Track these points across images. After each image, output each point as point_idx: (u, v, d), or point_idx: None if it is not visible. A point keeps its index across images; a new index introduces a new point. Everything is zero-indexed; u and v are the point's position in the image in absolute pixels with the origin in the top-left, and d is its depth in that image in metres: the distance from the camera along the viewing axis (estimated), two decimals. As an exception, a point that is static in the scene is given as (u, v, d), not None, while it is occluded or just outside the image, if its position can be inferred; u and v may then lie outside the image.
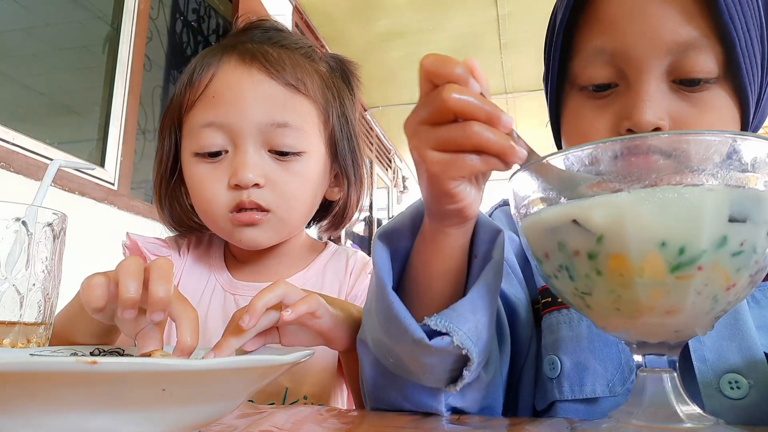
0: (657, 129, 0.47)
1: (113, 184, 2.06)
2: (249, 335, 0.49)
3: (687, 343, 0.46)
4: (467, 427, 0.42)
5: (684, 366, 0.45)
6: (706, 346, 0.46)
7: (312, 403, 0.68)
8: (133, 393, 0.28)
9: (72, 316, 0.59)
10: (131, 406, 0.28)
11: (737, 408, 0.43)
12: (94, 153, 2.07)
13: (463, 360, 0.44)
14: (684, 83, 0.48)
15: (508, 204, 0.68)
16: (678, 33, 0.47)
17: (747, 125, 0.51)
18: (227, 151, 0.68)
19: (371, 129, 5.36)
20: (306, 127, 0.70)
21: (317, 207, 0.77)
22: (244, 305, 0.51)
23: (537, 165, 0.35)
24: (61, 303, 0.54)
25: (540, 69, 0.61)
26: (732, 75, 0.48)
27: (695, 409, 0.32)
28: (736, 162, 0.30)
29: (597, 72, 0.51)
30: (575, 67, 0.53)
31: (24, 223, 0.50)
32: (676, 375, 0.34)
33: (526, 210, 0.37)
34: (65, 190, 1.76)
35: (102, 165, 2.04)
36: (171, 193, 0.76)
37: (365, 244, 5.42)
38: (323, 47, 0.83)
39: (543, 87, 0.61)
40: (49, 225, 0.52)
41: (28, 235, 0.50)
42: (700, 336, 0.45)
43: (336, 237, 0.89)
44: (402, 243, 0.48)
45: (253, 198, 0.67)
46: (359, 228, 5.44)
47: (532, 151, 0.37)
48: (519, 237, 0.52)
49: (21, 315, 0.50)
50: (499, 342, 0.53)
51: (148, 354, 0.44)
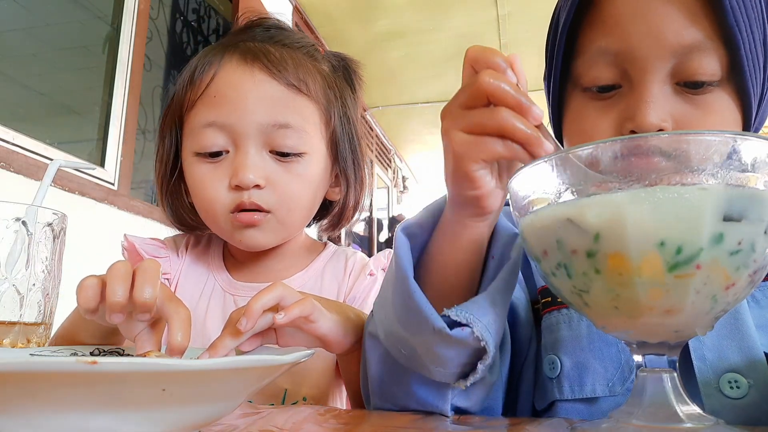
0: (660, 131, 0.47)
1: (113, 184, 2.06)
2: (245, 336, 0.49)
3: (687, 343, 0.46)
4: (467, 427, 0.42)
5: (684, 365, 0.45)
6: (705, 345, 0.46)
7: (311, 405, 0.68)
8: (133, 393, 0.28)
9: (76, 318, 0.60)
10: (131, 406, 0.28)
11: (737, 407, 0.43)
12: (94, 153, 2.07)
13: (477, 355, 0.44)
14: (687, 85, 0.48)
15: (508, 204, 0.68)
16: (682, 35, 0.47)
17: (749, 127, 0.51)
18: (228, 152, 0.68)
19: (371, 129, 5.36)
20: (307, 128, 0.70)
21: (317, 208, 0.77)
22: (242, 305, 0.51)
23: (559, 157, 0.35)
24: (61, 303, 0.54)
25: (540, 69, 0.61)
26: (735, 77, 0.48)
27: (695, 409, 0.32)
28: (736, 162, 0.30)
29: (600, 73, 0.51)
30: (578, 68, 0.53)
31: (24, 223, 0.50)
32: (676, 375, 0.34)
33: (525, 209, 0.37)
34: (65, 190, 1.76)
35: (102, 165, 2.05)
36: (172, 192, 0.76)
37: (365, 244, 5.42)
38: (323, 47, 0.83)
39: (543, 87, 0.61)
40: (49, 225, 0.52)
41: (28, 235, 0.50)
42: (699, 336, 0.45)
43: (335, 237, 0.88)
44: (421, 237, 0.48)
45: (254, 199, 0.67)
46: (359, 228, 5.44)
47: (558, 149, 0.37)
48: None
49: (21, 315, 0.50)
50: (501, 342, 0.53)
51: (145, 354, 0.44)
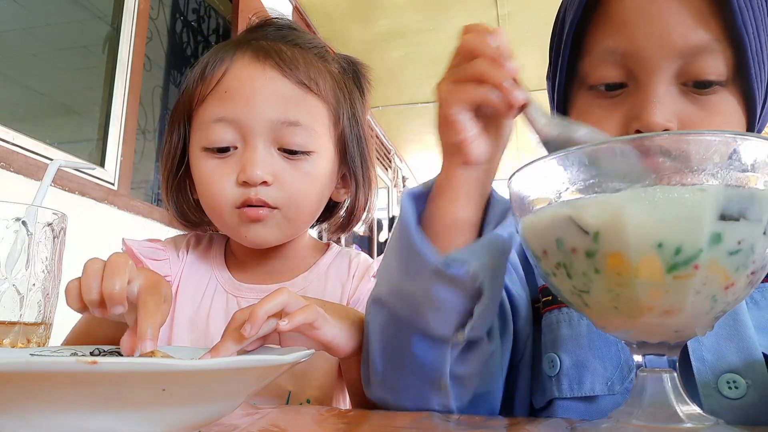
0: (666, 131, 0.47)
1: (113, 184, 2.06)
2: (248, 341, 0.49)
3: (686, 344, 0.46)
4: (467, 427, 0.42)
5: (682, 366, 0.45)
6: (704, 346, 0.46)
7: (314, 406, 0.68)
8: (133, 393, 0.27)
9: (88, 317, 0.60)
10: (131, 406, 0.28)
11: (735, 408, 0.43)
12: (94, 153, 2.07)
13: (473, 300, 0.44)
14: (693, 86, 0.48)
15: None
16: (689, 36, 0.47)
17: (753, 128, 0.51)
18: (236, 147, 0.68)
19: (371, 129, 5.36)
20: (316, 127, 0.70)
21: (323, 207, 0.77)
22: (245, 306, 0.51)
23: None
24: (61, 303, 0.54)
25: (541, 68, 0.61)
26: (740, 78, 0.49)
27: (695, 409, 0.32)
28: (736, 162, 0.30)
29: (607, 72, 0.51)
30: (584, 67, 0.53)
31: (24, 223, 0.50)
32: (676, 375, 0.34)
33: (525, 209, 0.37)
34: (65, 190, 1.76)
35: (102, 165, 2.04)
36: (177, 187, 0.76)
37: (365, 244, 5.42)
38: (332, 49, 0.84)
39: (544, 86, 0.61)
40: (49, 225, 0.52)
41: (28, 235, 0.50)
42: (698, 336, 0.45)
43: (336, 238, 0.88)
44: (422, 206, 0.49)
45: (261, 195, 0.67)
46: (359, 228, 5.44)
47: (531, 99, 0.41)
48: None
49: (21, 315, 0.50)
50: (502, 330, 0.53)
51: (149, 354, 0.44)
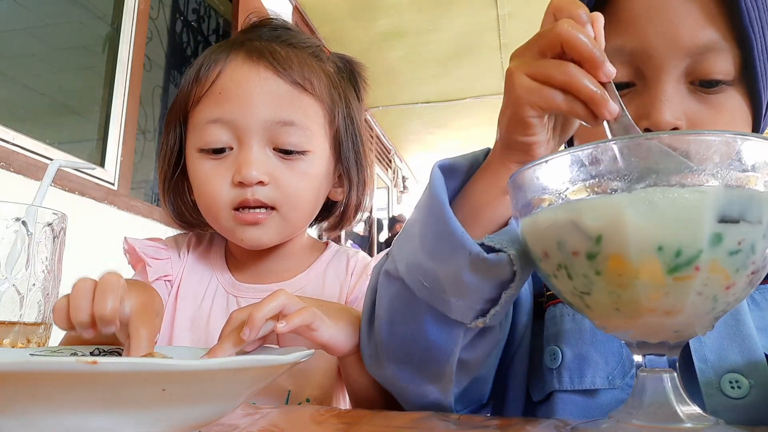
0: (674, 129, 0.47)
1: (113, 184, 2.06)
2: (246, 343, 0.50)
3: (687, 343, 0.46)
4: (467, 427, 0.42)
5: (685, 365, 0.46)
6: (707, 346, 0.46)
7: (314, 406, 0.68)
8: (133, 393, 0.27)
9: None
10: (131, 406, 0.28)
11: (738, 407, 0.43)
12: (94, 153, 2.07)
13: (501, 287, 0.44)
14: (701, 84, 0.49)
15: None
16: (697, 35, 0.47)
17: (758, 127, 0.52)
18: (232, 148, 0.68)
19: (371, 129, 5.36)
20: (311, 126, 0.70)
21: (320, 207, 0.77)
22: (244, 306, 0.51)
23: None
24: (61, 303, 0.54)
25: (540, 69, 0.61)
26: (747, 77, 0.49)
27: (695, 410, 0.32)
28: (736, 162, 0.30)
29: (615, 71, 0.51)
30: None
31: (24, 223, 0.50)
32: (676, 375, 0.34)
33: (525, 210, 0.37)
34: (65, 190, 1.76)
35: (102, 165, 2.05)
36: (174, 189, 0.76)
37: (365, 244, 5.42)
38: (327, 49, 0.84)
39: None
40: (49, 225, 0.52)
41: (28, 235, 0.50)
42: (700, 337, 0.45)
43: (335, 237, 0.88)
44: (454, 180, 0.48)
45: (258, 195, 0.67)
46: (359, 228, 5.44)
47: (625, 111, 0.37)
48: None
49: (21, 315, 0.50)
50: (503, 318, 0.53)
51: (149, 355, 0.45)
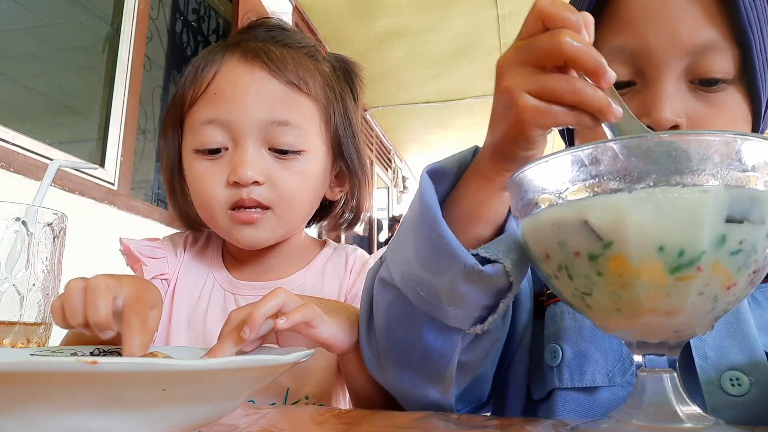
0: (675, 127, 0.48)
1: (113, 184, 2.06)
2: (246, 343, 0.50)
3: (688, 342, 0.46)
4: (467, 427, 0.42)
5: (685, 363, 0.46)
6: (707, 344, 0.46)
7: (313, 404, 0.68)
8: (133, 393, 0.27)
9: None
10: (131, 406, 0.28)
11: (738, 405, 0.43)
12: (94, 153, 2.07)
13: (498, 295, 0.44)
14: (701, 83, 0.49)
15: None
16: (697, 35, 0.48)
17: (758, 125, 0.52)
18: (227, 149, 0.68)
19: (371, 129, 5.36)
20: (307, 126, 0.70)
21: (317, 207, 0.77)
22: (243, 304, 0.51)
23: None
24: (61, 303, 0.54)
25: (540, 69, 0.61)
26: (746, 76, 0.50)
27: (695, 409, 0.32)
28: (736, 162, 0.30)
29: (615, 70, 0.51)
30: None
31: (24, 223, 0.50)
32: (676, 375, 0.34)
33: (526, 210, 0.37)
34: (65, 190, 1.76)
35: (102, 165, 2.05)
36: (179, 189, 0.77)
37: (365, 244, 5.42)
38: (324, 48, 0.84)
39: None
40: (49, 225, 0.52)
41: (28, 235, 0.50)
42: (701, 336, 0.45)
43: (335, 236, 0.88)
44: (444, 185, 0.47)
45: (253, 195, 0.67)
46: (359, 228, 5.44)
47: (626, 108, 0.37)
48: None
49: (21, 315, 0.50)
50: (503, 317, 0.53)
51: (149, 354, 0.45)
